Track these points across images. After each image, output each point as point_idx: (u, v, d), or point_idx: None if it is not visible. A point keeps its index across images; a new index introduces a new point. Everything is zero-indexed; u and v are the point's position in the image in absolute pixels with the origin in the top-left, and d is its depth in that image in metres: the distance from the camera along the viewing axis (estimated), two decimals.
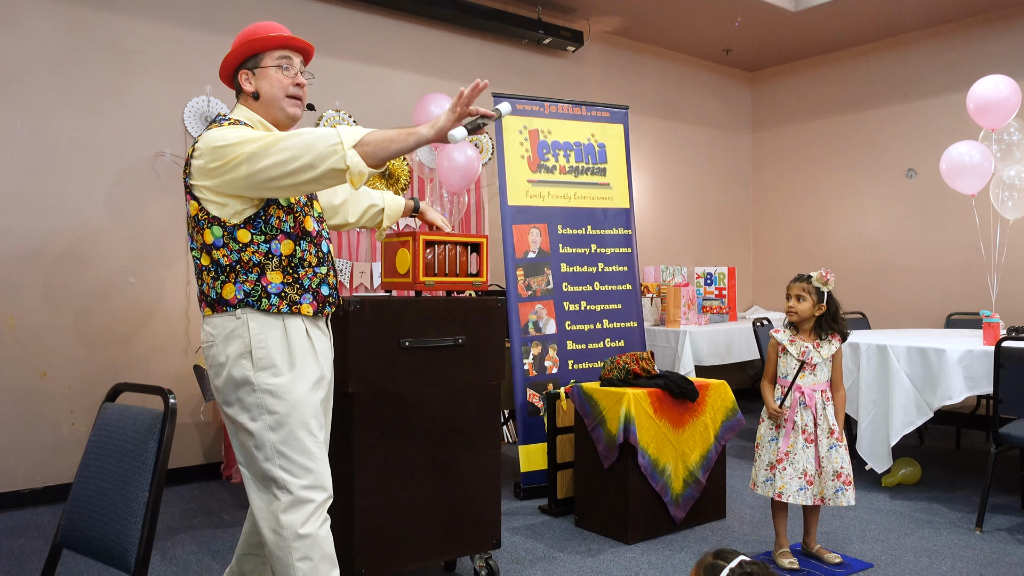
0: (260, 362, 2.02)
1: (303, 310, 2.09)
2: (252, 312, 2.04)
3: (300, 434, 2.04)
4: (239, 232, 2.03)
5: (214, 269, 2.06)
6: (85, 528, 1.66)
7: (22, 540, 3.41)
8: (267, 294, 2.04)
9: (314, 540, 2.03)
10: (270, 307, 2.04)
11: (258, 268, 2.05)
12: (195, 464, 4.40)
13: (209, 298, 2.07)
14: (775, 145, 7.38)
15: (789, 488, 2.95)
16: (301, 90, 2.21)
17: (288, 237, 2.08)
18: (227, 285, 2.04)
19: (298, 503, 2.02)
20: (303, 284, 2.10)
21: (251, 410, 2.04)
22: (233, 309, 2.04)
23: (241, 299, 2.03)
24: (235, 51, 2.16)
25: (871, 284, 6.51)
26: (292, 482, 2.02)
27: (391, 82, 5.20)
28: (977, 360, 3.72)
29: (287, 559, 2.01)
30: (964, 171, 4.51)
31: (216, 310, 2.06)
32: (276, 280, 2.06)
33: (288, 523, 2.01)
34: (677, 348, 5.18)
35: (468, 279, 2.74)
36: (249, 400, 2.03)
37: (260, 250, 2.05)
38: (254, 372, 2.02)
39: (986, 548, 3.26)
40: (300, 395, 2.06)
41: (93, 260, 4.11)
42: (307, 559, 2.02)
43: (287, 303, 2.06)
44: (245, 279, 2.04)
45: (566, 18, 5.96)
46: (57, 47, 4.02)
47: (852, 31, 6.31)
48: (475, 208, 5.48)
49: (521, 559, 3.14)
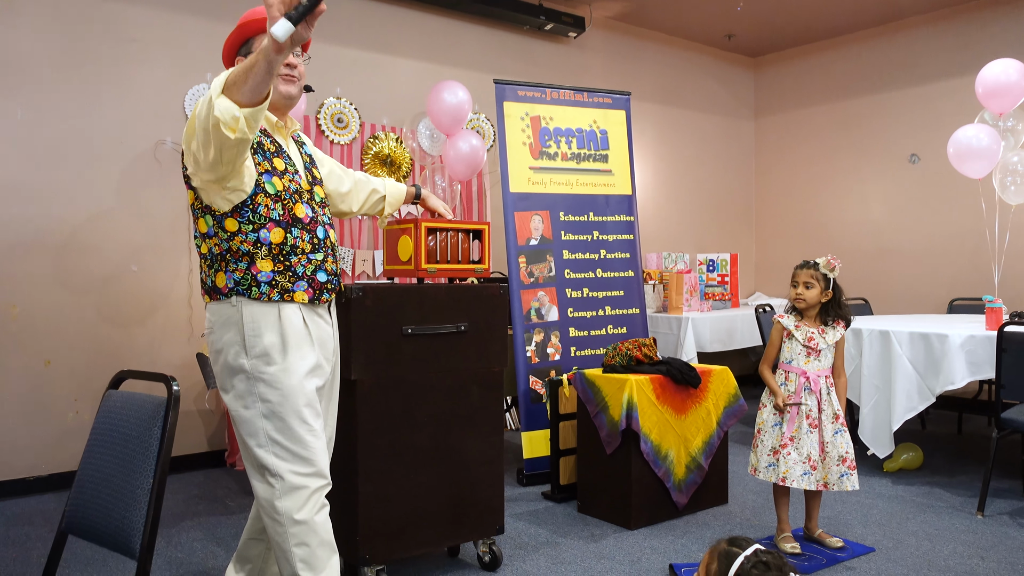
0: (253, 350, 2.03)
1: (297, 297, 2.09)
2: (246, 300, 2.04)
3: (293, 422, 2.05)
4: (227, 221, 2.03)
5: (209, 258, 2.08)
6: (90, 515, 1.67)
7: (28, 527, 3.43)
8: (257, 282, 2.04)
9: (310, 526, 2.04)
10: (260, 295, 2.04)
11: (247, 257, 2.04)
12: (199, 452, 4.42)
13: (206, 285, 2.10)
14: (778, 131, 7.35)
15: (793, 473, 2.96)
16: (292, 71, 2.16)
17: (278, 225, 2.07)
18: (219, 274, 2.05)
19: (292, 490, 2.03)
20: (296, 272, 2.10)
21: (245, 397, 2.05)
22: (227, 297, 2.05)
23: (232, 287, 2.04)
24: (231, 38, 2.17)
25: (873, 270, 6.50)
26: (285, 469, 2.03)
27: (392, 69, 5.18)
28: (979, 345, 3.72)
29: (284, 545, 2.04)
30: (972, 155, 4.48)
31: (213, 297, 2.08)
32: (266, 268, 2.05)
33: (284, 509, 2.02)
34: (679, 334, 5.18)
35: (470, 266, 2.74)
36: (243, 387, 2.05)
37: (248, 239, 2.04)
38: (248, 360, 2.03)
39: (988, 532, 3.27)
40: (294, 383, 2.06)
41: (95, 248, 4.12)
42: (304, 545, 2.03)
43: (278, 291, 2.06)
44: (235, 268, 2.04)
45: (568, 4, 5.92)
46: (57, 35, 4.00)
47: (855, 16, 6.26)
48: (477, 195, 5.47)
49: (524, 544, 3.16)
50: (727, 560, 1.47)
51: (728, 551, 1.49)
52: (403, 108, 5.18)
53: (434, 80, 5.19)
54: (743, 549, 1.47)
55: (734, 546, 1.50)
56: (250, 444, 2.06)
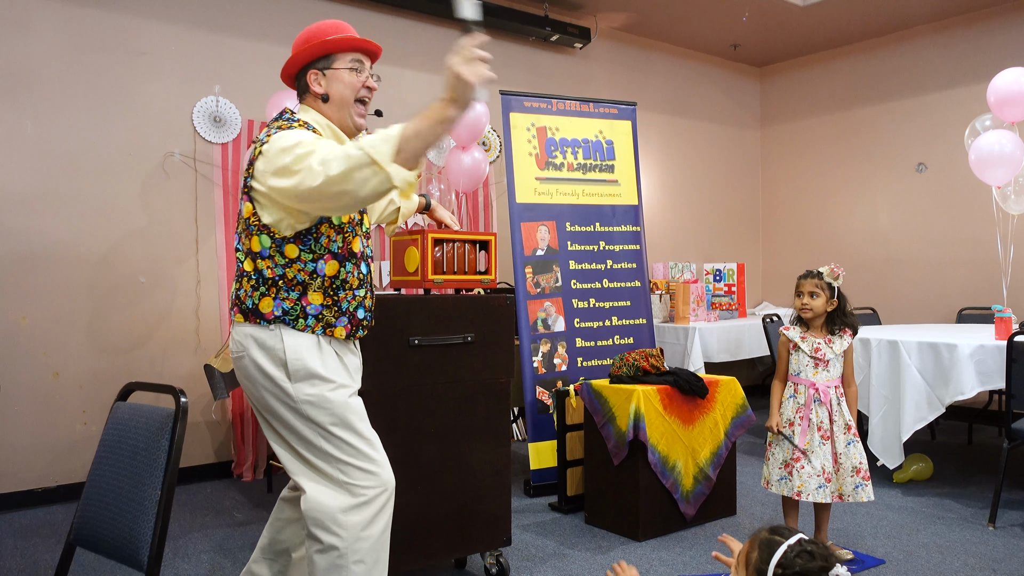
0: (297, 374, 1.97)
1: (336, 333, 2.04)
2: (287, 329, 1.98)
3: (350, 438, 2.00)
4: (287, 247, 1.97)
5: (256, 278, 2.00)
6: (98, 526, 1.67)
7: (36, 538, 3.43)
8: (305, 314, 1.99)
9: (373, 543, 1.99)
10: (305, 327, 1.99)
11: (300, 287, 1.98)
12: (207, 463, 4.42)
13: (244, 306, 2.01)
14: (784, 140, 7.35)
15: (808, 487, 2.93)
16: (370, 93, 2.17)
17: (335, 257, 2.02)
18: (266, 298, 1.98)
19: (359, 506, 1.98)
20: (341, 307, 2.04)
21: (293, 421, 1.99)
22: (268, 324, 1.98)
23: (278, 316, 1.97)
24: (306, 50, 2.09)
25: (881, 279, 6.48)
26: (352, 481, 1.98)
27: (399, 80, 5.20)
28: (989, 355, 3.70)
29: (340, 560, 1.95)
30: (994, 161, 4.43)
31: (249, 320, 2.00)
32: (316, 301, 2.00)
33: (349, 525, 1.96)
34: (686, 345, 5.17)
35: (477, 277, 2.74)
36: (289, 413, 1.99)
37: (306, 268, 1.99)
38: (292, 384, 1.97)
39: (999, 544, 3.24)
40: (341, 401, 2.01)
41: (104, 260, 4.14)
42: (361, 563, 1.97)
43: (322, 325, 2.01)
44: (286, 296, 1.98)
45: (573, 15, 5.95)
46: (66, 49, 4.04)
47: (861, 25, 6.27)
48: (483, 206, 5.48)
49: (531, 556, 3.14)
50: (769, 549, 1.40)
51: (770, 540, 1.42)
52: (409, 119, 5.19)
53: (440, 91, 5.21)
54: (786, 538, 1.41)
55: (776, 535, 1.43)
56: (312, 461, 2.00)
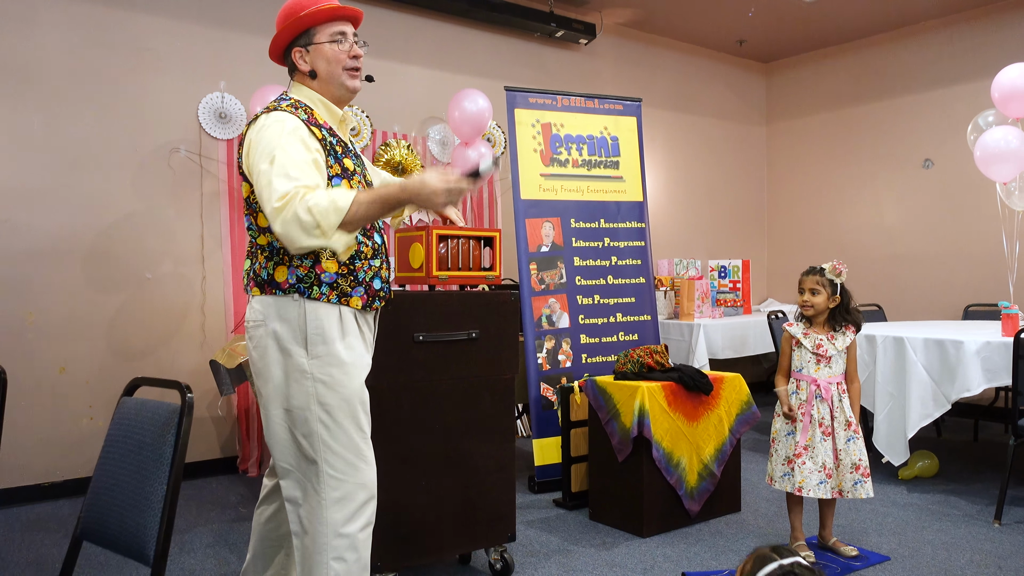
0: (315, 348, 1.95)
1: (352, 303, 2.02)
2: (306, 299, 1.96)
3: (350, 429, 1.98)
4: None
5: (268, 250, 1.99)
6: (105, 521, 1.68)
7: (43, 533, 3.45)
8: (319, 282, 1.97)
9: (352, 541, 1.98)
10: (320, 296, 1.97)
11: (312, 255, 1.97)
12: (212, 458, 4.44)
13: (260, 278, 2.00)
14: (790, 136, 7.33)
15: (809, 482, 2.93)
16: (358, 62, 2.11)
17: None
18: (280, 267, 1.97)
19: (341, 501, 1.96)
20: (357, 277, 2.03)
21: (300, 398, 1.96)
22: (286, 293, 1.97)
23: (293, 284, 1.96)
24: (284, 29, 2.05)
25: (887, 276, 6.46)
26: (337, 477, 1.96)
27: (404, 77, 5.20)
28: (995, 352, 3.68)
29: (319, 556, 1.94)
30: (999, 158, 4.42)
31: (267, 291, 1.98)
32: (331, 269, 1.98)
33: (329, 520, 1.95)
34: (691, 341, 5.16)
35: (481, 273, 2.74)
36: (298, 389, 1.96)
37: None
38: (308, 359, 1.95)
39: (1005, 541, 3.23)
40: (355, 387, 1.99)
41: (110, 256, 4.15)
42: (341, 560, 1.96)
43: (337, 294, 1.99)
44: (300, 264, 1.96)
45: (578, 11, 5.94)
46: (72, 45, 4.05)
47: (867, 20, 6.24)
48: (488, 202, 5.48)
49: (536, 552, 3.15)
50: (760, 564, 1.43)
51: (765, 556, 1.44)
52: (413, 115, 5.20)
53: (445, 87, 5.21)
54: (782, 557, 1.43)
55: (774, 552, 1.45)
56: (303, 445, 1.97)
